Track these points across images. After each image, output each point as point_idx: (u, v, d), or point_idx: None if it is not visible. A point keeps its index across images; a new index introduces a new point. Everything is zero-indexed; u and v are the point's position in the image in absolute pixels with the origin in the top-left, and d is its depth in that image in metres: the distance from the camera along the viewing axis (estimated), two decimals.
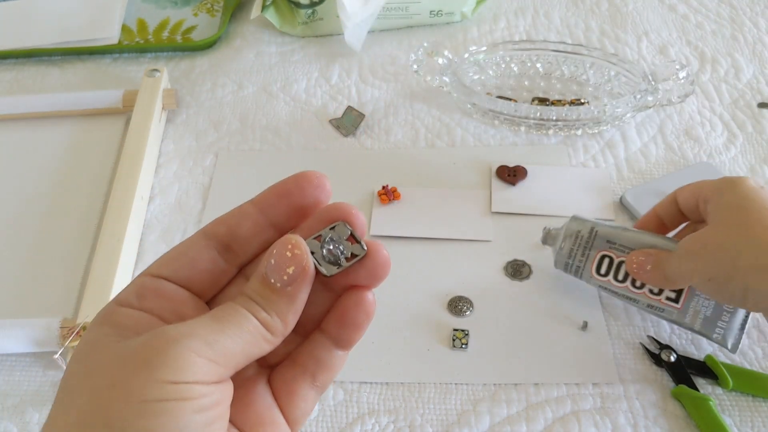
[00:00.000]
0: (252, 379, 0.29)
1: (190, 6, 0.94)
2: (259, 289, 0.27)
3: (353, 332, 0.29)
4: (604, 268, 0.55)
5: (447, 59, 0.76)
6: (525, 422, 0.52)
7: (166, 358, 0.24)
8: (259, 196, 0.30)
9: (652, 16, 0.88)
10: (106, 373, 0.25)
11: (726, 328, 0.53)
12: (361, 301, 0.29)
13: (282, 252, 0.27)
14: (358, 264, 0.29)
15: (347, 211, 0.29)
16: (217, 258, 0.29)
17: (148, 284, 0.28)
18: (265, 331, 0.27)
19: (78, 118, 0.77)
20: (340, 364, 0.30)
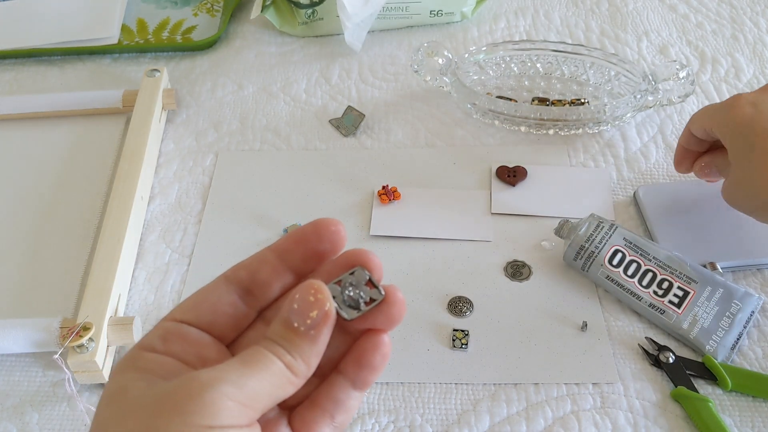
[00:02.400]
0: (274, 421, 0.30)
1: (190, 6, 0.94)
2: (282, 332, 0.28)
3: (370, 374, 0.30)
4: (617, 260, 0.58)
5: (447, 59, 0.76)
6: (525, 422, 0.52)
7: (200, 402, 0.25)
8: (278, 243, 0.31)
9: (652, 16, 0.88)
10: (139, 418, 0.25)
11: (719, 343, 0.54)
12: (378, 344, 0.30)
13: (305, 297, 0.28)
14: (376, 308, 0.30)
15: (365, 257, 0.30)
16: (238, 302, 0.30)
17: (171, 329, 0.29)
18: (290, 374, 0.28)
19: (78, 118, 0.77)
20: (357, 404, 0.31)
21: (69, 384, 0.54)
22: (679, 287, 0.56)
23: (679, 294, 0.56)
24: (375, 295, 0.30)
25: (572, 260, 0.60)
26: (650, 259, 0.58)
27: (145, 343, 0.29)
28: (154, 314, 0.61)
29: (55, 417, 0.55)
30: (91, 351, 0.53)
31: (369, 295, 0.30)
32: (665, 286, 0.56)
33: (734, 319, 0.55)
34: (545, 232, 0.64)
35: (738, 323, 0.55)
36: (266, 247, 0.31)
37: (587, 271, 0.59)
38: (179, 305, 0.30)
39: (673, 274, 0.57)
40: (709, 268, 0.58)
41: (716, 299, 0.56)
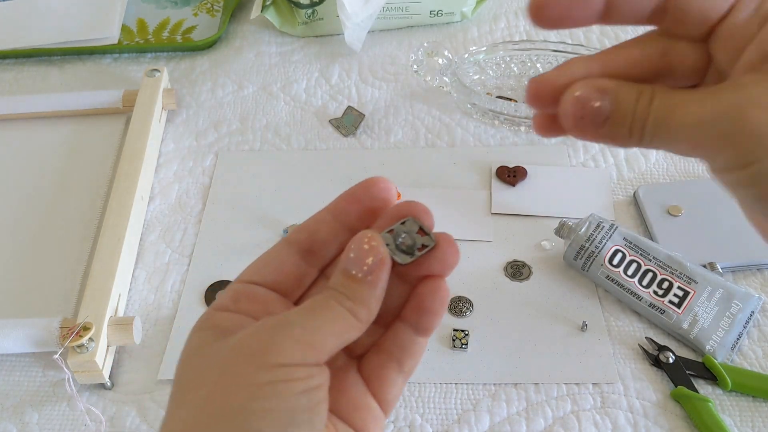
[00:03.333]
0: (343, 369, 0.32)
1: (190, 6, 0.94)
2: (342, 281, 0.29)
3: (431, 318, 0.31)
4: (617, 260, 0.58)
5: (447, 59, 0.76)
6: (525, 422, 0.52)
7: (268, 343, 0.27)
8: (332, 204, 0.33)
9: None
10: (216, 366, 0.27)
11: (719, 343, 0.54)
12: (436, 288, 0.31)
13: (360, 245, 0.29)
14: (430, 254, 0.31)
15: (416, 207, 0.32)
16: (300, 262, 0.32)
17: (241, 290, 0.31)
18: (352, 318, 0.29)
19: (78, 118, 0.77)
20: (421, 350, 0.32)
21: (69, 384, 0.54)
22: (679, 287, 0.56)
23: (679, 294, 0.56)
24: (427, 242, 0.31)
25: (572, 260, 0.60)
26: (650, 259, 0.58)
27: (218, 303, 0.31)
28: (154, 314, 0.61)
29: (55, 417, 0.55)
30: (91, 351, 0.53)
31: (421, 242, 0.31)
32: (665, 286, 0.56)
33: (734, 319, 0.55)
34: (545, 232, 0.64)
35: (738, 323, 0.55)
36: (322, 209, 0.33)
37: (587, 271, 0.59)
38: (246, 269, 0.32)
39: (673, 274, 0.57)
40: (709, 268, 0.58)
41: (716, 299, 0.56)
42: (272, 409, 0.26)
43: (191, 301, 0.61)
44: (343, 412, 0.31)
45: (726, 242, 0.61)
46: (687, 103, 0.25)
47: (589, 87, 0.27)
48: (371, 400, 0.31)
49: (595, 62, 0.28)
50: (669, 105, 0.26)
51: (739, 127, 0.24)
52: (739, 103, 0.24)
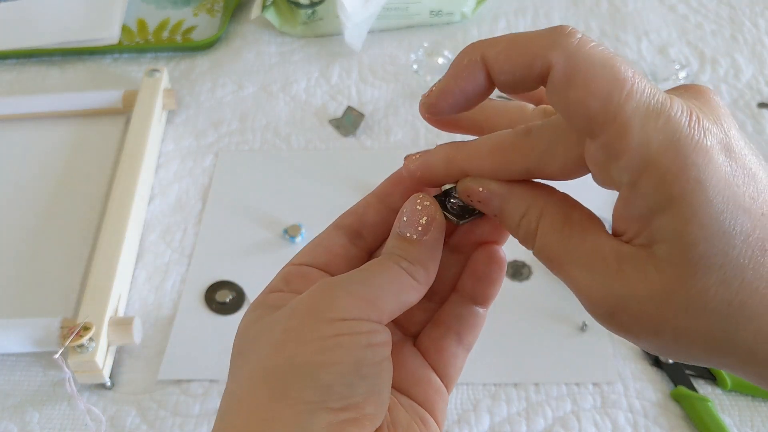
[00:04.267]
0: (399, 344, 0.31)
1: (190, 6, 0.94)
2: (397, 244, 0.29)
3: (488, 287, 0.31)
4: None
5: (447, 59, 0.76)
6: (525, 422, 0.52)
7: (332, 299, 0.26)
8: (378, 188, 0.32)
9: (652, 16, 0.88)
10: (277, 325, 0.27)
11: None
12: (492, 255, 0.30)
13: (412, 207, 0.29)
14: (484, 219, 0.30)
15: None
16: (349, 245, 0.31)
17: (293, 271, 0.31)
18: (411, 279, 0.28)
19: (78, 118, 0.77)
20: (481, 322, 0.32)
21: (69, 384, 0.54)
22: None
23: None
24: None
25: None
26: None
27: (271, 286, 0.31)
28: (153, 314, 0.61)
29: (56, 416, 0.55)
30: (91, 351, 0.53)
31: (474, 205, 0.29)
32: None
33: None
34: None
35: None
36: (369, 193, 0.32)
37: None
38: (297, 254, 0.31)
39: None
40: None
41: None
42: (338, 361, 0.25)
43: (191, 301, 0.61)
44: (404, 385, 0.30)
45: None
46: (574, 255, 0.25)
47: (476, 188, 0.28)
48: (431, 374, 0.31)
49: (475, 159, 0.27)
50: (555, 242, 0.26)
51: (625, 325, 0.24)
52: (622, 296, 0.23)
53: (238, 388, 0.27)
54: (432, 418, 0.30)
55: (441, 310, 0.31)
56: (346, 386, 0.25)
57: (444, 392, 0.31)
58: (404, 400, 0.30)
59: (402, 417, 0.29)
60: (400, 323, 0.31)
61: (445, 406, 0.31)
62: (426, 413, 0.30)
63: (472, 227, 0.30)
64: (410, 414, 0.29)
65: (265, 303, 0.29)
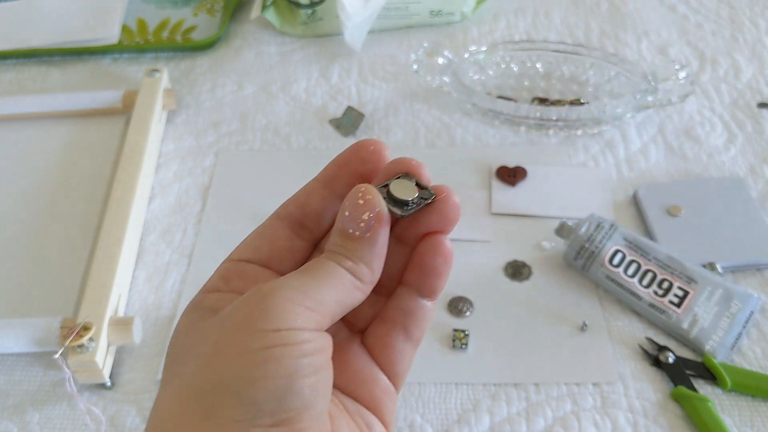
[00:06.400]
0: (345, 342, 0.30)
1: (190, 6, 0.94)
2: (339, 241, 0.27)
3: (434, 279, 0.29)
4: (617, 260, 0.58)
5: (447, 59, 0.76)
6: (525, 422, 0.52)
7: (264, 308, 0.25)
8: (322, 172, 0.31)
9: (652, 16, 0.88)
10: (207, 338, 0.25)
11: (719, 343, 0.54)
12: (437, 245, 0.29)
13: (354, 201, 0.27)
14: (429, 208, 0.29)
15: (409, 164, 0.29)
16: (292, 236, 0.30)
17: (231, 268, 0.29)
18: (354, 279, 0.27)
19: (78, 118, 0.77)
20: (429, 315, 0.30)
21: (69, 383, 0.54)
22: (679, 287, 0.56)
23: (679, 294, 0.56)
24: (425, 195, 0.29)
25: (572, 260, 0.60)
26: (650, 259, 0.58)
27: (208, 285, 0.29)
28: (153, 314, 0.61)
29: (56, 416, 0.55)
30: (91, 351, 0.53)
31: (419, 195, 0.29)
32: (665, 286, 0.57)
33: (734, 319, 0.55)
34: (545, 232, 0.64)
35: (737, 323, 0.55)
36: (312, 179, 0.31)
37: (587, 271, 0.59)
38: (236, 248, 0.30)
39: (673, 274, 0.57)
40: (709, 268, 0.58)
41: (716, 299, 0.56)
42: (269, 376, 0.24)
43: None
44: (350, 387, 0.29)
45: (726, 242, 0.61)
46: None
47: None
48: (379, 373, 0.29)
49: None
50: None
51: None
52: None
53: (166, 407, 0.26)
54: (379, 421, 0.29)
55: (387, 304, 0.30)
56: (277, 401, 0.24)
57: (392, 391, 0.30)
58: (350, 404, 0.29)
59: (345, 428, 0.28)
60: (346, 320, 0.30)
61: (393, 406, 0.30)
62: (373, 418, 0.29)
63: (417, 217, 0.29)
64: (356, 421, 0.28)
65: (201, 305, 0.28)
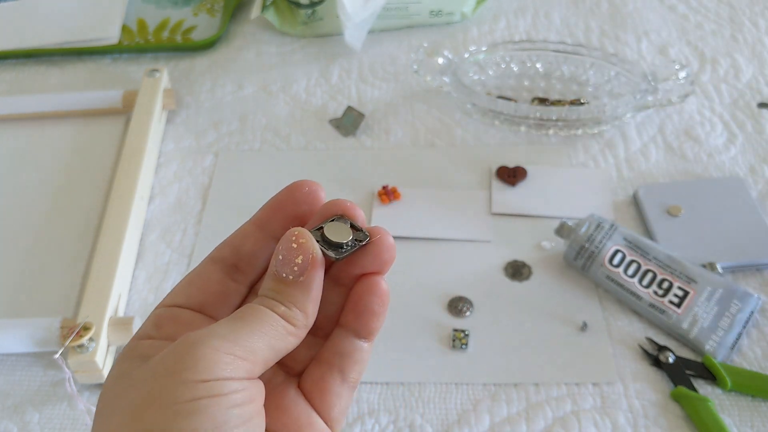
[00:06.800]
0: (281, 386, 0.29)
1: (190, 6, 0.94)
2: (272, 285, 0.27)
3: (370, 320, 0.29)
4: (617, 260, 0.58)
5: (447, 59, 0.76)
6: (525, 422, 0.52)
7: (192, 359, 0.24)
8: (256, 215, 0.30)
9: (652, 16, 0.88)
10: (137, 389, 0.25)
11: (719, 343, 0.54)
12: (373, 286, 0.29)
13: (288, 245, 0.27)
14: (364, 250, 0.28)
15: (344, 206, 0.29)
16: (226, 280, 0.30)
17: (163, 314, 0.29)
18: (287, 324, 0.27)
19: (78, 118, 0.77)
20: (366, 356, 0.30)
21: (69, 383, 0.54)
22: (679, 287, 0.56)
23: (679, 294, 0.56)
24: (360, 237, 0.28)
25: (572, 260, 0.60)
26: (650, 259, 0.58)
27: (140, 333, 0.29)
28: None
29: (56, 416, 0.55)
30: (91, 351, 0.53)
31: (354, 237, 0.28)
32: (665, 286, 0.57)
33: (734, 319, 0.55)
34: (545, 232, 0.64)
35: (737, 323, 0.55)
36: (247, 221, 0.30)
37: (587, 271, 0.59)
38: (169, 293, 0.30)
39: (673, 274, 0.57)
40: (709, 268, 0.58)
41: (716, 299, 0.56)
42: (197, 428, 0.23)
43: None
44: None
45: (726, 242, 0.61)
46: None
47: None
48: (315, 417, 0.29)
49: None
50: None
51: None
52: None
53: None
54: None
55: (324, 346, 0.30)
56: None
57: None
58: None
59: None
60: (282, 363, 0.29)
61: None
62: None
63: (352, 259, 0.29)
64: None
65: (133, 353, 0.28)
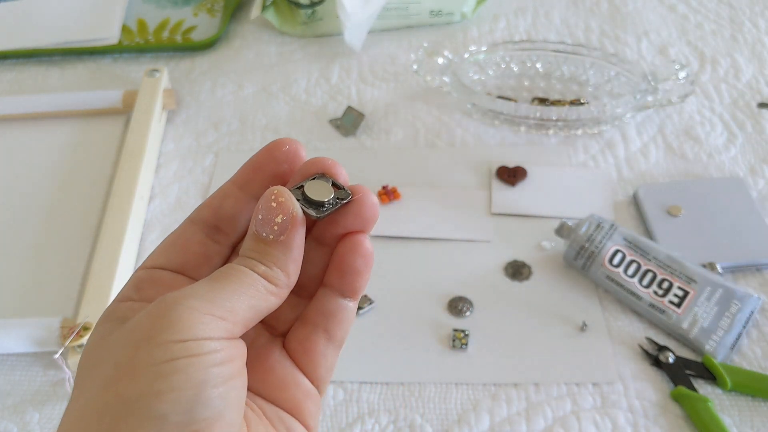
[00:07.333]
0: (266, 347, 0.29)
1: (190, 6, 0.94)
2: (252, 245, 0.27)
3: (354, 279, 0.29)
4: (617, 260, 0.58)
5: (447, 59, 0.76)
6: (525, 422, 0.52)
7: (169, 320, 0.24)
8: (236, 174, 0.30)
9: (652, 16, 0.88)
10: (113, 353, 0.24)
11: (719, 343, 0.54)
12: (356, 245, 0.28)
13: (267, 204, 0.26)
14: (346, 208, 0.28)
15: (325, 163, 0.29)
16: (207, 241, 0.29)
17: (144, 276, 0.28)
18: (268, 284, 0.26)
19: (78, 118, 0.77)
20: (351, 316, 0.29)
21: (69, 384, 0.54)
22: (679, 287, 0.56)
23: (679, 294, 0.56)
24: (342, 195, 0.28)
25: (572, 260, 0.60)
26: (650, 259, 0.58)
27: (120, 295, 0.28)
28: None
29: (56, 416, 0.55)
30: None
31: (336, 196, 0.28)
32: (665, 286, 0.57)
33: (734, 319, 0.55)
34: (545, 232, 0.64)
35: (737, 323, 0.55)
36: (227, 181, 0.30)
37: (587, 271, 0.59)
38: (150, 255, 0.29)
39: (673, 274, 0.57)
40: (709, 268, 0.58)
41: (716, 299, 0.56)
42: (174, 388, 0.23)
43: None
44: (270, 392, 0.28)
45: (725, 242, 0.61)
46: None
47: None
48: (301, 377, 0.29)
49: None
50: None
51: None
52: None
53: (69, 426, 0.24)
54: (302, 426, 0.28)
55: (308, 306, 0.29)
56: (185, 413, 0.23)
57: (315, 395, 0.29)
58: (269, 410, 0.28)
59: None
60: (266, 323, 0.29)
61: (317, 410, 0.29)
62: (295, 423, 0.28)
63: (335, 218, 0.28)
64: (276, 427, 0.28)
65: (112, 315, 0.27)
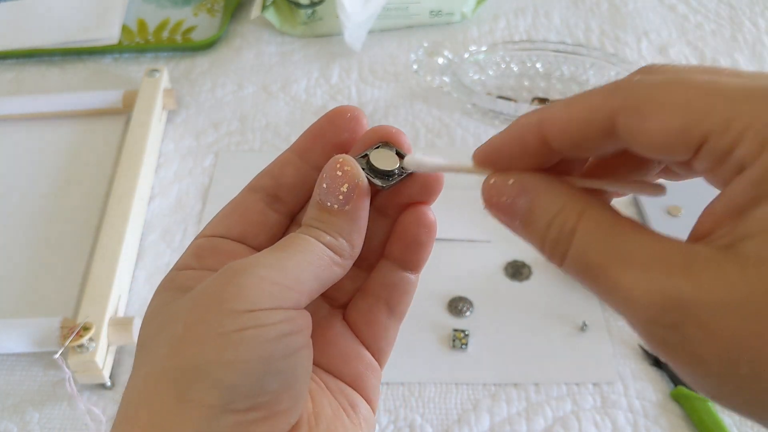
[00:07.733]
0: (326, 319, 0.29)
1: (190, 6, 0.94)
2: (317, 214, 0.26)
3: (417, 251, 0.29)
4: None
5: (447, 59, 0.76)
6: (525, 422, 0.52)
7: (237, 288, 0.23)
8: (297, 142, 0.29)
9: (652, 16, 0.88)
10: (178, 320, 0.24)
11: None
12: (420, 216, 0.28)
13: (332, 173, 0.26)
14: (411, 178, 0.28)
15: (389, 132, 0.28)
16: (267, 210, 0.28)
17: (204, 245, 0.28)
18: (333, 254, 0.26)
19: (78, 118, 0.77)
20: (412, 288, 0.29)
21: (69, 384, 0.54)
22: None
23: None
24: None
25: None
26: None
27: (180, 263, 0.28)
28: None
29: (56, 416, 0.55)
30: (91, 351, 0.53)
31: (401, 165, 0.27)
32: None
33: None
34: None
35: None
36: (287, 149, 0.29)
37: None
38: (209, 223, 0.29)
39: None
40: None
41: None
42: (243, 359, 0.22)
43: None
44: (332, 365, 0.28)
45: None
46: (626, 257, 0.20)
47: (504, 180, 0.25)
48: (362, 349, 0.29)
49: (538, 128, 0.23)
50: (601, 242, 0.21)
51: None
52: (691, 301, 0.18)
53: (136, 392, 0.25)
54: (363, 399, 0.28)
55: (369, 278, 0.29)
56: (253, 385, 0.23)
57: (376, 368, 0.29)
58: (333, 383, 0.28)
59: (327, 408, 0.27)
60: (327, 295, 0.29)
61: (377, 383, 0.29)
62: (357, 396, 0.28)
63: (398, 188, 0.28)
64: (339, 400, 0.27)
65: (173, 284, 0.27)
